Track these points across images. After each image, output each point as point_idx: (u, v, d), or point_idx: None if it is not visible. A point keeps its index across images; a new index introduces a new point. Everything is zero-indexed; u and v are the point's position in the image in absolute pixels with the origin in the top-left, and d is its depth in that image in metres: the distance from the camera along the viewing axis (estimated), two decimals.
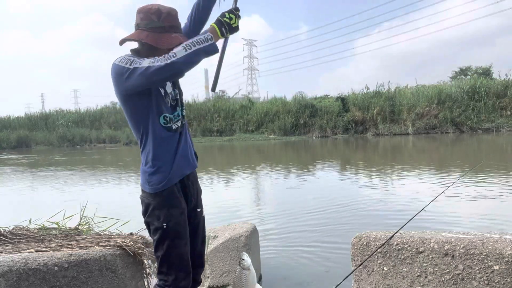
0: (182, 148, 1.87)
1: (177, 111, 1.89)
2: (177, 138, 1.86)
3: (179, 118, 1.89)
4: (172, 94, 1.88)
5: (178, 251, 1.78)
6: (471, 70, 32.16)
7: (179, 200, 1.83)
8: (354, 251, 2.13)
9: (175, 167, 1.82)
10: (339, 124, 23.77)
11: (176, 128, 1.86)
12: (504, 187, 6.27)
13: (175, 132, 1.86)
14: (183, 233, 1.81)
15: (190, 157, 1.92)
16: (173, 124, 1.85)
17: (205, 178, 9.48)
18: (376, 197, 6.10)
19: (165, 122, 1.82)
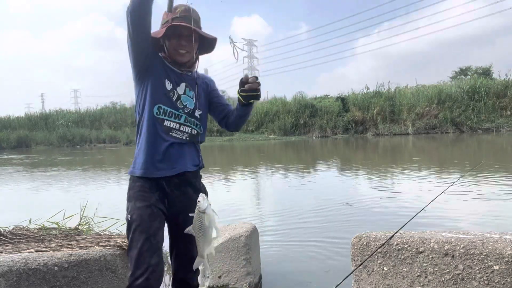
0: (170, 151, 1.85)
1: (183, 117, 1.89)
2: (169, 140, 1.85)
3: (185, 129, 1.90)
4: (184, 99, 1.91)
5: (137, 245, 1.70)
6: (471, 70, 32.16)
7: (149, 195, 1.81)
8: (354, 251, 2.13)
9: (152, 163, 1.82)
10: (339, 124, 23.78)
11: (173, 131, 1.85)
12: (504, 187, 6.27)
13: (168, 132, 1.85)
14: (146, 227, 1.73)
15: (175, 163, 1.86)
16: (171, 122, 1.85)
17: (205, 178, 9.48)
18: (376, 197, 6.10)
19: (158, 112, 1.83)
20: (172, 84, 1.89)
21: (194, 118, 1.94)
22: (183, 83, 1.92)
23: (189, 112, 1.92)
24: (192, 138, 1.93)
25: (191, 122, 1.92)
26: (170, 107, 1.87)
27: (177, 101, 1.89)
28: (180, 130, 1.89)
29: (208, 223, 1.63)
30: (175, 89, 1.89)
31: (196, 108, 1.95)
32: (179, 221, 1.86)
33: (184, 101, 1.91)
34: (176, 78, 1.91)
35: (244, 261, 2.93)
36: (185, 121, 1.90)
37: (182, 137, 1.88)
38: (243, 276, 2.92)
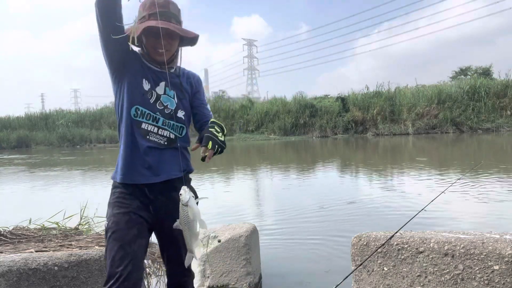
0: (150, 157, 1.74)
1: (161, 120, 1.76)
2: (147, 144, 1.73)
3: (163, 133, 1.77)
4: (164, 99, 1.79)
5: (110, 254, 1.63)
6: (471, 70, 32.14)
7: (129, 201, 1.72)
8: (354, 251, 2.13)
9: (132, 168, 1.73)
10: (339, 124, 23.78)
11: (150, 134, 1.74)
12: (504, 187, 6.27)
13: (146, 135, 1.73)
14: (121, 235, 1.65)
15: (157, 170, 1.75)
16: (149, 125, 1.74)
17: (206, 178, 9.49)
18: (376, 197, 6.10)
19: (135, 114, 1.72)
20: (150, 84, 1.77)
21: (175, 120, 1.81)
22: (162, 82, 1.79)
23: (170, 113, 1.79)
24: (171, 143, 1.80)
25: (170, 125, 1.79)
26: (148, 108, 1.74)
27: (156, 102, 1.76)
28: (158, 134, 1.77)
29: (192, 216, 1.58)
30: (154, 89, 1.77)
31: (179, 109, 1.83)
32: (165, 227, 1.76)
33: (164, 102, 1.78)
34: (154, 77, 1.79)
35: (244, 261, 2.93)
36: (163, 124, 1.77)
37: (160, 142, 1.77)
38: (243, 276, 2.92)
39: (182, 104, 1.84)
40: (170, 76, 1.79)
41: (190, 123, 1.93)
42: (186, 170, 1.87)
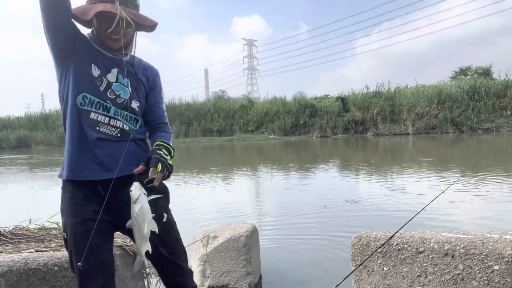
0: (100, 150, 1.57)
1: (112, 109, 1.60)
2: (97, 136, 1.57)
3: (116, 123, 1.61)
4: (116, 87, 1.62)
5: (78, 270, 1.51)
6: (471, 70, 32.14)
7: (82, 207, 1.56)
8: (354, 251, 2.13)
9: (80, 163, 1.57)
10: (339, 124, 23.78)
11: (101, 125, 1.58)
12: (504, 187, 6.27)
13: (95, 126, 1.57)
14: (81, 248, 1.49)
15: (109, 165, 1.58)
16: (98, 115, 1.57)
17: (206, 178, 9.49)
18: (376, 197, 6.10)
19: (82, 103, 1.56)
20: (100, 70, 1.59)
21: (128, 111, 1.64)
22: (115, 69, 1.63)
23: (123, 103, 1.62)
24: (125, 135, 1.62)
25: (123, 115, 1.63)
26: (97, 96, 1.58)
27: (106, 90, 1.60)
28: (109, 125, 1.60)
29: (141, 215, 1.43)
30: (104, 76, 1.60)
31: (133, 99, 1.67)
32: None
33: (116, 90, 1.62)
34: (105, 63, 1.61)
35: (244, 261, 2.93)
36: (115, 113, 1.60)
37: (112, 133, 1.60)
38: (243, 276, 2.92)
39: (137, 95, 1.68)
40: (124, 64, 1.63)
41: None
42: None
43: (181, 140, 26.36)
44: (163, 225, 1.67)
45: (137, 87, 1.69)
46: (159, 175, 1.51)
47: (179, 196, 7.27)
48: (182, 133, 27.37)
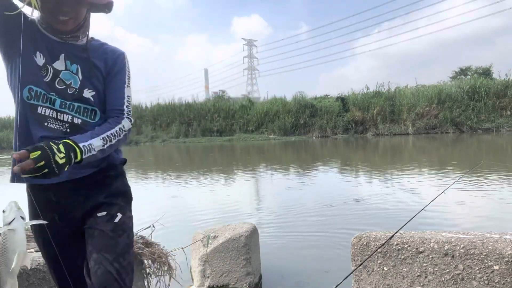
0: None
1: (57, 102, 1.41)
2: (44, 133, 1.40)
3: (63, 117, 1.42)
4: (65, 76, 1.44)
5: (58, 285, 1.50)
6: (471, 70, 32.14)
7: (44, 217, 1.38)
8: (354, 251, 2.13)
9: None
10: (339, 124, 23.78)
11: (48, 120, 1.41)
12: (504, 187, 6.27)
13: (43, 122, 1.40)
14: (56, 267, 1.44)
15: None
16: (46, 109, 1.40)
17: (206, 178, 9.49)
18: (376, 197, 6.10)
19: (29, 96, 1.39)
20: (45, 58, 1.42)
21: (80, 102, 1.45)
22: (63, 54, 1.44)
23: (74, 93, 1.44)
24: (76, 130, 1.42)
25: (73, 107, 1.43)
26: (42, 88, 1.40)
27: (54, 80, 1.42)
28: (57, 119, 1.42)
29: (13, 244, 1.17)
30: (50, 64, 1.42)
31: (86, 88, 1.46)
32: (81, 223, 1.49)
33: (66, 79, 1.43)
34: (52, 49, 1.43)
35: (244, 261, 2.93)
36: (61, 106, 1.42)
37: (61, 129, 1.42)
38: (243, 276, 2.92)
39: (90, 83, 1.47)
40: (74, 49, 1.46)
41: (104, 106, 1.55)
42: (100, 167, 1.51)
43: (181, 140, 26.36)
44: (113, 227, 1.46)
45: (91, 73, 1.47)
46: (28, 163, 1.17)
47: (179, 196, 7.27)
48: (182, 133, 27.37)
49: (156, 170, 12.00)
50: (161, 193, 7.85)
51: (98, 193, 1.49)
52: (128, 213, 1.55)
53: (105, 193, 1.51)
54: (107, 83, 1.52)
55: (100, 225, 1.45)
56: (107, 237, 1.43)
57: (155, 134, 27.84)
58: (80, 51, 1.47)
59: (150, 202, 6.80)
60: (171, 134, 27.51)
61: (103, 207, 1.48)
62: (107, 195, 1.51)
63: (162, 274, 2.77)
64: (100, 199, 1.49)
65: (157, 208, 5.98)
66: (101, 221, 1.46)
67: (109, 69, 1.52)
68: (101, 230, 1.44)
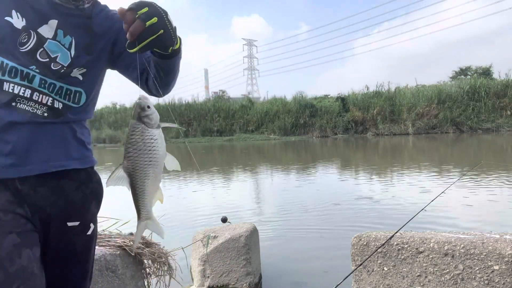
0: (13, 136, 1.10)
1: (36, 79, 1.11)
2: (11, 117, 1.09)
3: (42, 99, 1.12)
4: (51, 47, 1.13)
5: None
6: (471, 70, 32.16)
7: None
8: (354, 251, 2.13)
9: None
10: (339, 124, 23.80)
11: (19, 100, 1.10)
12: (504, 187, 6.27)
13: (10, 102, 1.09)
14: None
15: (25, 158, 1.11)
16: (15, 86, 1.09)
17: (206, 178, 9.49)
18: (376, 197, 6.10)
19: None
20: (26, 20, 1.09)
21: (64, 82, 1.15)
22: (54, 20, 1.12)
23: (59, 70, 1.14)
24: (56, 115, 1.15)
25: (53, 87, 1.14)
26: (14, 60, 1.09)
27: (36, 50, 1.10)
28: (32, 100, 1.11)
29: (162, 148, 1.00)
30: (34, 29, 1.10)
31: (77, 66, 1.17)
32: (50, 234, 1.18)
33: (51, 51, 1.12)
34: (39, 10, 1.11)
35: (244, 261, 2.93)
36: (40, 85, 1.11)
37: (35, 112, 1.11)
38: (243, 276, 2.92)
39: (85, 60, 1.18)
40: (72, 16, 1.15)
41: (95, 89, 1.26)
42: (80, 159, 1.24)
43: (181, 140, 26.38)
44: (84, 241, 1.26)
45: (89, 49, 1.18)
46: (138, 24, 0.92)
47: (179, 196, 7.27)
48: (182, 133, 27.37)
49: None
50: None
51: (67, 188, 1.21)
52: (97, 222, 1.33)
53: (75, 191, 1.23)
54: (117, 48, 1.24)
55: (70, 236, 1.21)
56: (77, 252, 1.23)
57: None
58: (80, 18, 1.17)
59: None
60: (171, 134, 27.54)
61: (75, 215, 1.22)
62: (82, 197, 1.25)
63: (162, 274, 2.77)
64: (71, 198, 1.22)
65: (157, 208, 5.97)
66: (72, 231, 1.21)
67: (114, 34, 1.23)
68: (71, 242, 1.22)
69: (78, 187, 1.23)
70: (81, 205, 1.24)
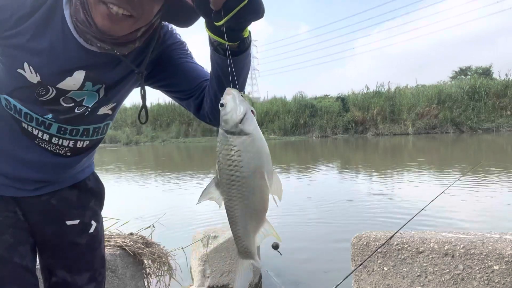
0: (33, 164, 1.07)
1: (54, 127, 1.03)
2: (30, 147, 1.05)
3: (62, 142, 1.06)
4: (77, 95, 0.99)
5: None
6: (471, 70, 32.15)
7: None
8: (354, 251, 2.13)
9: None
10: (339, 124, 23.79)
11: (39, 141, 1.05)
12: (504, 187, 6.27)
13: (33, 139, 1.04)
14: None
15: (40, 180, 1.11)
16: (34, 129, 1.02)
17: (206, 178, 9.49)
18: (376, 197, 6.10)
19: (7, 105, 1.00)
20: (42, 76, 0.93)
21: (90, 123, 1.07)
22: (81, 72, 0.95)
23: (83, 113, 1.03)
24: (80, 152, 1.11)
25: (75, 132, 1.06)
26: (28, 107, 0.99)
27: (57, 99, 0.98)
28: (51, 143, 1.05)
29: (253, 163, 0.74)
30: (52, 86, 0.95)
31: (103, 105, 1.06)
32: (46, 235, 1.15)
33: (76, 97, 1.00)
34: (61, 64, 0.93)
35: None
36: (59, 132, 1.04)
37: (58, 152, 1.07)
38: None
39: (114, 97, 1.07)
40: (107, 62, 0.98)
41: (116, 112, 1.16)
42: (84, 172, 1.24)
43: (181, 140, 26.36)
44: (87, 239, 1.21)
45: (121, 84, 1.05)
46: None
47: (179, 196, 7.28)
48: (182, 133, 27.36)
49: (156, 170, 12.00)
50: (161, 193, 7.84)
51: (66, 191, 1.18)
52: (101, 220, 1.29)
53: (76, 191, 1.20)
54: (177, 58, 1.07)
55: (71, 236, 1.17)
56: (81, 252, 1.19)
57: (155, 134, 27.85)
58: (116, 61, 0.99)
59: (150, 202, 6.80)
60: (171, 134, 27.52)
61: (74, 213, 1.18)
62: (78, 195, 1.21)
63: (162, 274, 2.77)
64: (69, 199, 1.19)
65: (157, 208, 5.98)
66: (72, 231, 1.17)
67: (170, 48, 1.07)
68: (74, 243, 1.17)
69: (73, 186, 1.20)
70: (78, 202, 1.20)
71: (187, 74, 1.06)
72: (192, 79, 1.06)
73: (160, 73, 1.08)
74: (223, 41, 0.82)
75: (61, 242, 1.16)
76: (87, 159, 1.19)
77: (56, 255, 1.16)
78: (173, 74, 1.07)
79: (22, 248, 1.08)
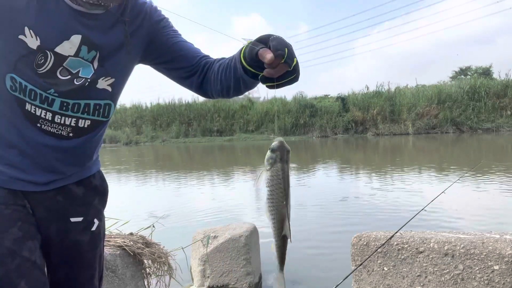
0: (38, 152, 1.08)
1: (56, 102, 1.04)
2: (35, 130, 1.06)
3: (65, 120, 1.07)
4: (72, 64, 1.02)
5: None
6: (471, 70, 32.14)
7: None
8: (354, 251, 2.13)
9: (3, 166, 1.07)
10: (339, 124, 23.80)
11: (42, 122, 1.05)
12: (504, 187, 6.27)
13: (35, 123, 1.05)
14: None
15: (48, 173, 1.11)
16: (37, 109, 1.03)
17: (206, 178, 9.49)
18: (376, 197, 6.10)
19: (12, 86, 1.01)
20: (41, 39, 0.96)
21: (90, 98, 1.07)
22: (77, 36, 1.00)
23: (82, 85, 1.04)
24: (82, 133, 1.11)
25: (77, 107, 1.06)
26: (30, 82, 1.00)
27: (54, 70, 1.00)
28: (54, 123, 1.06)
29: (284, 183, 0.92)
30: (50, 50, 0.98)
31: (101, 77, 1.07)
32: (53, 233, 1.15)
33: (72, 68, 1.02)
34: (57, 25, 0.98)
35: (244, 261, 2.93)
36: (61, 108, 1.05)
37: (59, 133, 1.07)
38: (243, 276, 2.92)
39: (111, 67, 1.08)
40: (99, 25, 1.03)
41: (120, 92, 1.18)
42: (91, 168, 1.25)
43: (181, 140, 26.36)
44: (90, 237, 1.22)
45: (117, 54, 1.08)
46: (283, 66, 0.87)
47: (180, 196, 7.28)
48: (182, 133, 27.37)
49: (156, 169, 12.01)
50: (161, 193, 7.85)
51: (72, 189, 1.19)
52: (103, 218, 1.31)
53: (82, 189, 1.21)
54: (166, 43, 1.15)
55: (74, 234, 1.18)
56: (83, 250, 1.20)
57: (155, 134, 27.84)
58: (108, 23, 1.04)
59: (150, 202, 6.79)
60: (171, 134, 27.51)
61: (78, 210, 1.19)
62: (84, 193, 1.21)
63: (162, 274, 2.77)
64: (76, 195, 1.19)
65: (157, 208, 5.98)
66: (76, 228, 1.18)
67: (155, 29, 1.14)
68: (76, 240, 1.18)
69: (79, 182, 1.21)
70: (83, 199, 1.21)
71: (185, 52, 1.16)
72: (191, 57, 1.15)
73: (158, 49, 1.16)
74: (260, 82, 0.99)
75: (64, 239, 1.16)
76: (91, 149, 1.19)
77: (58, 252, 1.17)
78: (172, 52, 1.15)
79: (31, 243, 1.06)
